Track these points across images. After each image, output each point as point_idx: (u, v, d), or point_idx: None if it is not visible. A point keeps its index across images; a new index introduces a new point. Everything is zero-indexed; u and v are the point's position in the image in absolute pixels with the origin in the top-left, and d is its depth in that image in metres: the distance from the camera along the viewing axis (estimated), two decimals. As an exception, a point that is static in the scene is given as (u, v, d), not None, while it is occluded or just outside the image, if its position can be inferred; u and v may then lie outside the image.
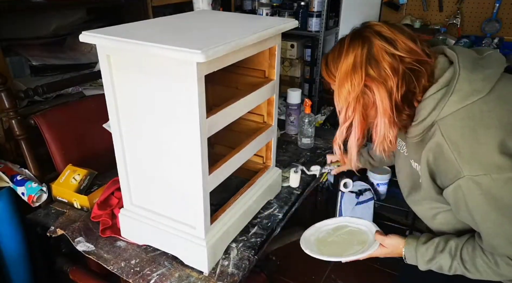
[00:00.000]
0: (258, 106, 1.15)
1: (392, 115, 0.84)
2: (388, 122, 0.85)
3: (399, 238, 1.01)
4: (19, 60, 1.72)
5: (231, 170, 1.03)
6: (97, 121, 1.43)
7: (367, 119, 0.89)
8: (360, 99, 0.85)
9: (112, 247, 1.09)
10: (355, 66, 0.83)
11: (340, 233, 1.14)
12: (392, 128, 0.86)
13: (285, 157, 1.54)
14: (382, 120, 0.85)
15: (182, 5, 2.18)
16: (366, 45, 0.83)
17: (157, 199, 1.01)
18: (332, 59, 0.89)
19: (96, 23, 1.96)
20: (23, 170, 1.36)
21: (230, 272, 1.00)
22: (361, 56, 0.83)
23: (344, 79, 0.85)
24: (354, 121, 0.88)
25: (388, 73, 0.82)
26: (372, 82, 0.83)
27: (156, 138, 0.92)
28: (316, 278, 1.19)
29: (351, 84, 0.84)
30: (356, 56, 0.83)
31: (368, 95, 0.85)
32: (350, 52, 0.84)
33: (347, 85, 0.85)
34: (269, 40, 1.01)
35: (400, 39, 0.83)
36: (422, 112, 0.84)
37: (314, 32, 2.83)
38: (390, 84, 0.82)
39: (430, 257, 0.93)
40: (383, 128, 0.86)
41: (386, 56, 0.82)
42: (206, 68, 0.80)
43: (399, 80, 0.82)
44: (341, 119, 0.90)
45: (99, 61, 0.89)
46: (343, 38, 0.89)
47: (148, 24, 0.97)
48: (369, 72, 0.83)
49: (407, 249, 0.98)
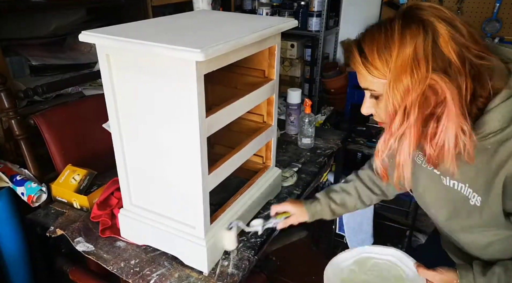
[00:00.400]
0: (258, 106, 1.15)
1: (464, 118, 0.68)
2: (462, 130, 0.68)
3: (449, 271, 0.83)
4: (19, 60, 1.72)
5: (230, 170, 1.03)
6: (97, 121, 1.43)
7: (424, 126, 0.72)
8: (422, 99, 0.69)
9: (111, 247, 1.08)
10: (417, 58, 0.67)
11: (366, 269, 0.96)
12: (467, 136, 0.69)
13: (285, 157, 1.54)
14: (453, 126, 0.68)
15: (182, 5, 2.18)
16: (429, 31, 0.67)
17: (157, 199, 1.01)
18: (374, 47, 0.71)
19: (96, 23, 1.95)
20: (23, 170, 1.36)
21: (230, 272, 1.00)
22: (424, 45, 0.67)
23: (402, 73, 0.68)
24: (411, 128, 0.71)
25: (458, 67, 0.67)
26: (438, 78, 0.67)
27: (155, 137, 0.92)
28: (316, 278, 1.18)
29: (412, 79, 0.68)
30: (417, 46, 0.67)
31: (430, 95, 0.69)
32: (407, 39, 0.67)
33: (406, 81, 0.68)
34: (269, 39, 1.00)
35: (463, 25, 0.68)
36: (493, 123, 0.70)
37: (314, 32, 2.83)
38: (459, 82, 0.67)
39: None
40: (452, 137, 0.69)
41: (454, 46, 0.66)
42: (206, 67, 0.80)
43: (467, 77, 0.68)
44: (395, 125, 0.71)
45: (98, 61, 0.89)
46: (388, 21, 0.71)
47: (148, 23, 0.97)
48: (436, 65, 0.67)
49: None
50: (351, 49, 0.77)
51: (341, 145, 1.68)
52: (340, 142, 1.67)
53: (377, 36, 0.71)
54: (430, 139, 0.72)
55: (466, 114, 0.68)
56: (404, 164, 0.75)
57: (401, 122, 0.71)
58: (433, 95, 0.69)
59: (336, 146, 1.64)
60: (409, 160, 0.74)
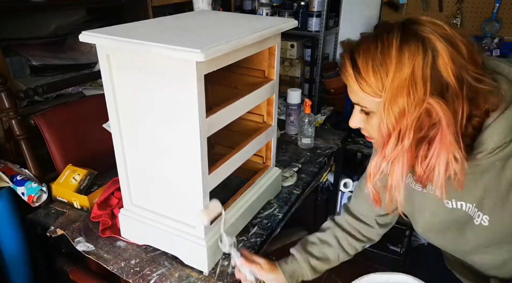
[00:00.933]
0: (258, 106, 1.15)
1: (458, 145, 0.65)
2: (454, 157, 0.65)
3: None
4: (19, 60, 1.72)
5: (231, 170, 1.03)
6: (97, 121, 1.43)
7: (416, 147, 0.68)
8: (417, 123, 0.65)
9: (112, 247, 1.09)
10: (415, 79, 0.63)
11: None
12: (459, 164, 0.66)
13: (285, 157, 1.54)
14: (445, 153, 0.65)
15: (182, 5, 2.18)
16: (429, 51, 0.63)
17: (157, 199, 1.01)
18: (369, 62, 0.66)
19: (96, 23, 1.96)
20: (23, 170, 1.36)
21: (230, 272, 1.00)
22: (423, 66, 0.63)
23: (398, 95, 0.64)
24: (405, 152, 0.67)
25: (456, 91, 0.63)
26: (435, 102, 0.63)
27: (156, 137, 0.92)
28: (316, 278, 1.18)
29: (409, 102, 0.63)
30: (416, 66, 0.63)
31: (424, 118, 0.65)
32: (405, 57, 0.63)
33: (402, 103, 0.64)
34: (269, 39, 1.01)
35: (464, 44, 0.64)
36: (496, 137, 0.67)
37: (314, 32, 2.83)
38: (456, 106, 0.64)
39: None
40: (444, 163, 0.66)
41: (453, 68, 0.63)
42: (206, 67, 0.80)
43: (464, 100, 0.64)
44: (388, 148, 0.68)
45: (99, 61, 0.89)
46: (385, 33, 0.66)
47: (148, 24, 0.97)
48: (434, 88, 0.63)
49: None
50: (343, 60, 0.71)
51: (341, 145, 1.68)
52: (340, 142, 1.67)
53: (373, 50, 0.66)
54: (421, 161, 0.69)
55: (460, 141, 0.65)
56: (396, 187, 0.72)
57: (395, 145, 0.67)
58: (427, 117, 0.65)
59: (336, 146, 1.64)
60: (401, 183, 0.71)
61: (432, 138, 0.67)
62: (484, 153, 0.69)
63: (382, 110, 0.66)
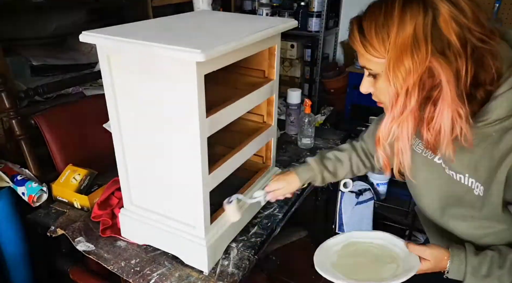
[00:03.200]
0: (258, 106, 1.16)
1: (461, 101, 0.66)
2: (458, 114, 0.67)
3: (439, 247, 0.82)
4: (19, 60, 1.72)
5: (231, 170, 1.03)
6: (97, 121, 1.43)
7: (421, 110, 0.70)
8: (421, 81, 0.67)
9: (112, 247, 1.09)
10: (417, 39, 0.65)
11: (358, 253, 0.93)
12: (464, 120, 0.67)
13: (285, 157, 1.54)
14: (449, 110, 0.67)
15: (182, 5, 2.18)
16: (430, 11, 0.64)
17: (157, 199, 1.01)
18: (373, 25, 0.69)
19: (97, 23, 1.96)
20: (24, 170, 1.36)
21: (230, 272, 1.00)
22: (424, 25, 0.64)
23: (402, 54, 0.66)
24: (412, 111, 0.69)
25: (458, 49, 0.65)
26: (437, 60, 0.65)
27: (156, 137, 0.92)
28: (316, 278, 1.19)
29: (413, 61, 0.65)
30: (417, 25, 0.64)
31: (426, 78, 0.67)
32: (407, 18, 0.65)
33: (407, 62, 0.66)
34: (269, 40, 1.01)
35: (468, 6, 0.65)
36: (500, 109, 0.68)
37: (314, 32, 2.84)
38: (458, 65, 0.65)
39: (485, 273, 0.77)
40: (448, 121, 0.67)
41: (455, 27, 0.64)
42: (206, 67, 0.80)
43: (468, 60, 0.65)
44: (397, 108, 0.70)
45: (99, 61, 0.90)
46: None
47: (148, 24, 0.98)
48: (435, 47, 0.65)
49: (454, 261, 0.79)
50: (351, 25, 0.75)
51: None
52: (340, 142, 1.68)
53: (377, 14, 0.69)
54: (427, 123, 0.71)
55: (463, 98, 0.67)
56: (403, 150, 0.73)
57: (403, 105, 0.69)
58: (429, 78, 0.67)
59: (336, 146, 1.64)
60: (408, 145, 0.73)
61: (436, 99, 0.68)
62: (485, 122, 0.70)
63: (388, 70, 0.68)
